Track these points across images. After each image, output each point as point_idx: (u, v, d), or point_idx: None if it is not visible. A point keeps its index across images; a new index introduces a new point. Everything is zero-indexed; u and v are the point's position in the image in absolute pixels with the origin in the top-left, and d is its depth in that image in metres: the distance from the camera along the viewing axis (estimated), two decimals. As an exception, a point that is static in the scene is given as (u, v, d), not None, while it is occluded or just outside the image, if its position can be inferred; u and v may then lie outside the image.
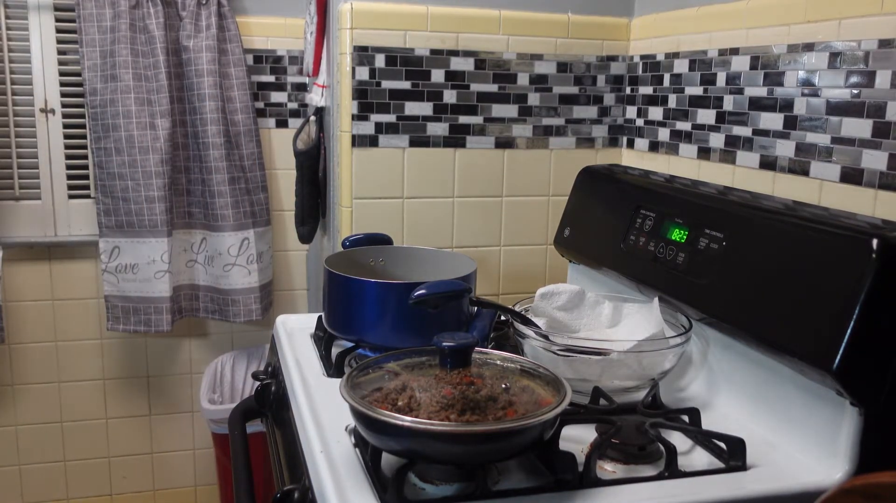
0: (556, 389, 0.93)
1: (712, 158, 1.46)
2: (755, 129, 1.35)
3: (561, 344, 1.13)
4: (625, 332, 1.26)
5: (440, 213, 1.71)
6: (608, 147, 1.79)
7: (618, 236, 1.38)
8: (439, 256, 1.41)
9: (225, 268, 2.16)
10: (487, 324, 1.23)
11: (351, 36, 1.59)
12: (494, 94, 1.69)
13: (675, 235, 1.23)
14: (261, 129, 2.21)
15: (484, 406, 0.87)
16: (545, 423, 0.86)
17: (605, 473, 0.94)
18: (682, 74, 1.55)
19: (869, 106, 1.12)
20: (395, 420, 0.83)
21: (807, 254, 0.98)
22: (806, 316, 0.95)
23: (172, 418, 2.41)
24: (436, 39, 1.63)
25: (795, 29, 1.25)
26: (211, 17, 2.06)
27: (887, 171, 1.10)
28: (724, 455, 0.98)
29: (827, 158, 1.20)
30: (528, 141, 1.73)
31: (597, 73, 1.74)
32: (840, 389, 0.90)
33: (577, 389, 1.08)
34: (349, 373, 0.94)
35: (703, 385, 1.19)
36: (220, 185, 2.11)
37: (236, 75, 2.11)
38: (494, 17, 1.65)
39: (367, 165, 1.65)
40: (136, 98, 2.04)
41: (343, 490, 0.88)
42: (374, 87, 1.62)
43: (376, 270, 1.40)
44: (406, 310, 1.13)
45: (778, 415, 1.04)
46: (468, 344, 0.94)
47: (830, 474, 0.93)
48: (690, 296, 1.16)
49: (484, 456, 0.87)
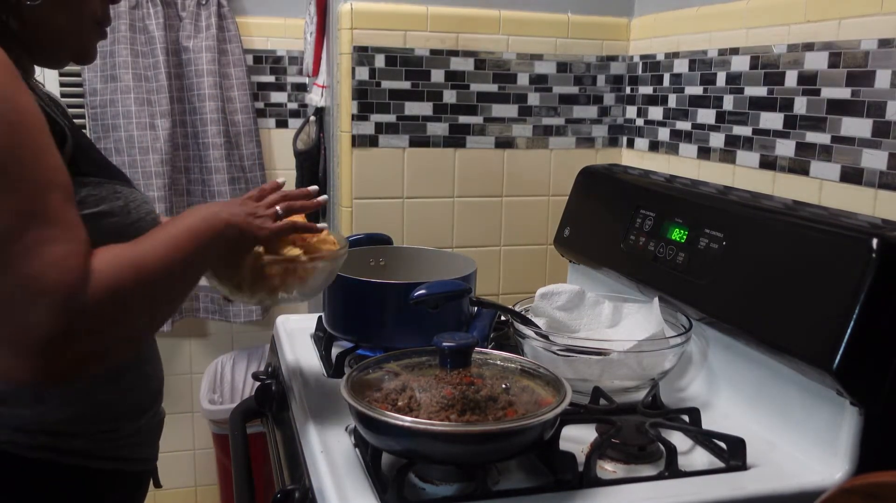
0: (556, 389, 0.93)
1: (712, 158, 1.46)
2: (755, 129, 1.35)
3: (561, 344, 1.13)
4: (625, 332, 1.26)
5: (440, 213, 1.71)
6: (608, 147, 1.79)
7: (618, 236, 1.38)
8: (439, 256, 1.41)
9: (225, 268, 2.16)
10: (487, 325, 1.23)
11: (351, 36, 1.59)
12: (494, 94, 1.69)
13: (675, 235, 1.23)
14: (261, 129, 2.21)
15: (484, 406, 0.87)
16: (545, 423, 0.86)
17: (606, 473, 0.94)
18: (682, 74, 1.55)
19: (869, 105, 1.12)
20: (395, 420, 0.83)
21: (807, 254, 0.98)
22: (806, 316, 0.95)
23: (172, 418, 2.39)
24: (436, 39, 1.63)
25: (795, 29, 1.25)
26: (211, 18, 2.06)
27: (887, 170, 1.09)
28: (724, 455, 0.98)
29: (827, 158, 1.20)
30: (528, 141, 1.73)
31: (597, 73, 1.74)
32: (840, 389, 0.90)
33: (577, 389, 1.08)
34: (349, 374, 0.94)
35: (703, 385, 1.19)
36: (220, 185, 2.11)
37: (236, 75, 2.11)
38: (494, 17, 1.65)
39: (367, 165, 1.65)
40: (136, 98, 2.04)
41: (343, 490, 0.88)
42: (374, 88, 1.62)
43: (376, 270, 1.40)
44: (406, 310, 1.12)
45: (778, 414, 1.04)
46: (468, 344, 0.94)
47: (830, 474, 0.93)
48: (690, 296, 1.16)
49: (484, 456, 0.87)
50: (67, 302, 0.69)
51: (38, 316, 0.68)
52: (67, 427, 0.87)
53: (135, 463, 0.96)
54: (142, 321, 0.80)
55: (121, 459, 0.93)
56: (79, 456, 0.88)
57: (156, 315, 0.82)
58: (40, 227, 0.70)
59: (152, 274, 0.77)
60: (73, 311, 0.69)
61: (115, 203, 0.86)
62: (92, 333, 0.72)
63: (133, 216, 0.88)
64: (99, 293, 0.71)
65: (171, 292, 0.83)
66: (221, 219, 0.86)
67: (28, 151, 0.71)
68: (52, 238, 0.70)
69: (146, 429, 0.98)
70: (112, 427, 0.92)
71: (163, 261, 0.78)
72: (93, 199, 0.84)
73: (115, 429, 0.92)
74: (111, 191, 0.86)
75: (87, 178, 0.83)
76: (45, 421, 0.86)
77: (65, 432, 0.87)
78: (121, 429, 0.93)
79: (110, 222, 0.85)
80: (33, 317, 0.68)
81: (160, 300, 0.81)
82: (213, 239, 0.85)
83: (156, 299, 0.80)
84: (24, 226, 0.69)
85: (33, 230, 0.69)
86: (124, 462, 0.94)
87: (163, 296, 0.81)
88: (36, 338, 0.68)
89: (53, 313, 0.68)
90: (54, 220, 0.71)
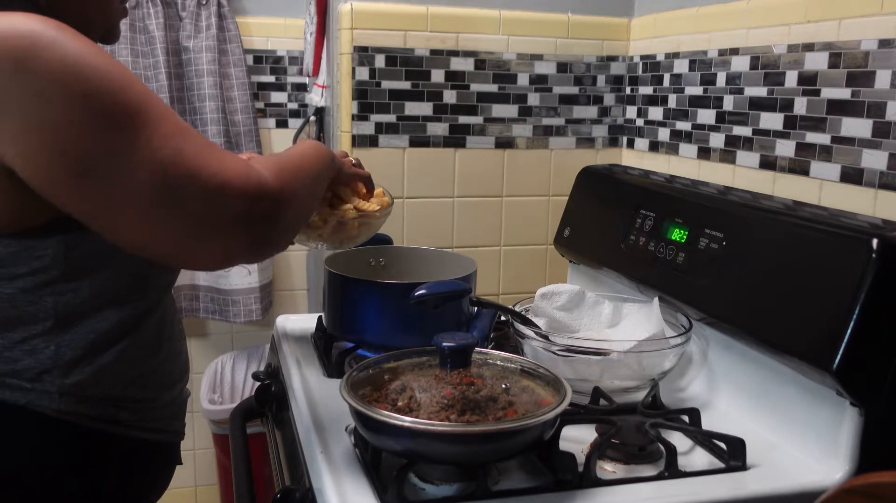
0: (557, 389, 0.93)
1: (712, 158, 1.46)
2: (755, 129, 1.35)
3: (561, 344, 1.13)
4: (625, 332, 1.26)
5: (440, 213, 1.71)
6: (608, 147, 1.79)
7: (618, 236, 1.38)
8: (439, 256, 1.41)
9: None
10: (487, 325, 1.22)
11: (351, 36, 1.59)
12: (494, 94, 1.69)
13: (675, 235, 1.23)
14: (261, 129, 2.21)
15: (484, 406, 0.87)
16: (545, 423, 0.86)
17: (605, 473, 0.94)
18: (683, 74, 1.55)
19: (869, 106, 1.12)
20: (395, 420, 0.83)
21: (807, 254, 0.98)
22: (806, 316, 0.95)
23: (172, 418, 2.41)
24: (436, 40, 1.63)
25: (795, 29, 1.25)
26: (211, 18, 2.06)
27: (887, 170, 1.09)
28: (724, 455, 0.98)
29: (827, 158, 1.20)
30: (528, 141, 1.73)
31: (597, 73, 1.74)
32: (840, 389, 0.90)
33: (577, 389, 1.08)
34: (349, 374, 0.94)
35: (703, 385, 1.19)
36: (220, 185, 2.11)
37: (236, 75, 2.11)
38: (494, 17, 1.65)
39: (367, 165, 1.64)
40: (136, 98, 2.03)
41: (343, 490, 0.88)
42: (374, 88, 1.62)
43: (376, 270, 1.40)
44: (406, 310, 1.12)
45: (778, 414, 1.04)
46: (468, 344, 0.94)
47: (830, 474, 0.93)
48: (690, 296, 1.16)
49: (484, 456, 0.87)
50: (253, 186, 0.76)
51: (234, 199, 0.75)
52: (115, 395, 0.90)
53: (171, 434, 1.01)
54: (303, 210, 0.92)
55: (160, 431, 0.97)
56: (124, 426, 0.92)
57: (308, 208, 0.97)
58: (200, 140, 0.77)
59: (303, 171, 0.89)
60: (258, 195, 0.77)
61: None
62: (272, 216, 0.79)
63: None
64: (274, 181, 0.79)
65: (314, 189, 0.97)
66: (325, 148, 1.02)
67: (147, 93, 0.76)
68: (214, 146, 0.78)
69: (179, 401, 1.02)
70: (153, 396, 0.95)
71: (305, 165, 0.91)
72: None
73: (155, 397, 0.96)
74: None
75: None
76: (90, 392, 0.88)
77: (116, 402, 0.90)
78: (159, 398, 0.96)
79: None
80: (229, 203, 0.75)
81: (310, 196, 0.94)
82: (325, 158, 1.00)
83: (309, 194, 0.93)
84: (191, 139, 0.75)
85: (197, 141, 0.76)
86: (163, 433, 0.98)
87: (310, 193, 0.94)
88: (232, 218, 0.76)
89: (243, 197, 0.76)
90: (207, 141, 0.79)
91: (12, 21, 0.71)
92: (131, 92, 0.73)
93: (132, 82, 0.74)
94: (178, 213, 0.74)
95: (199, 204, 0.74)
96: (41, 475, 0.86)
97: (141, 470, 0.96)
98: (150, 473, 0.99)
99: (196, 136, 0.76)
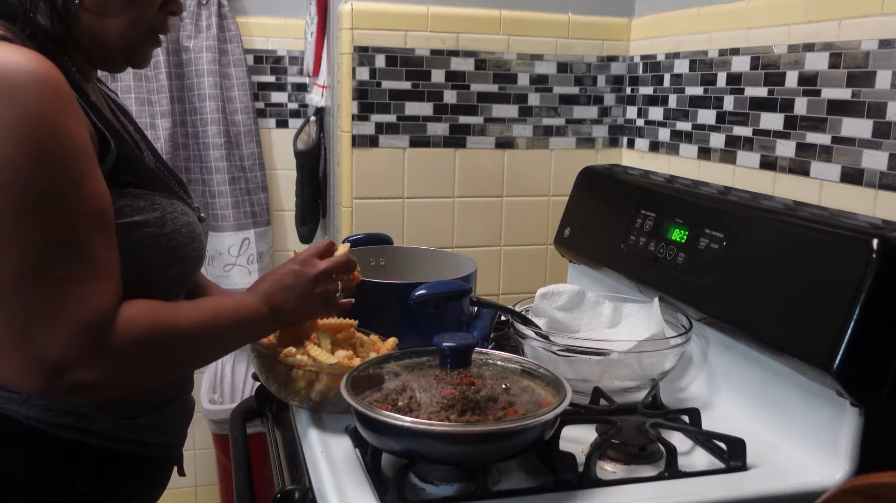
0: (557, 390, 0.93)
1: (712, 158, 1.46)
2: (755, 129, 1.35)
3: (561, 344, 1.13)
4: (625, 333, 1.26)
5: (440, 213, 1.71)
6: (608, 147, 1.79)
7: (618, 236, 1.38)
8: (439, 256, 1.41)
9: (225, 268, 2.16)
10: (487, 325, 1.23)
11: (351, 36, 1.59)
12: (494, 94, 1.69)
13: (675, 235, 1.23)
14: (261, 129, 2.21)
15: (484, 406, 0.87)
16: (545, 424, 0.86)
17: (606, 473, 0.94)
18: (683, 74, 1.55)
19: (869, 106, 1.12)
20: (395, 420, 0.83)
21: (807, 254, 0.98)
22: (806, 316, 0.95)
23: (173, 418, 2.41)
24: (436, 40, 1.63)
25: (795, 29, 1.25)
26: (211, 18, 2.06)
27: (887, 170, 1.09)
28: (724, 455, 0.98)
29: (827, 158, 1.20)
30: (528, 141, 1.73)
31: (597, 74, 1.74)
32: (840, 389, 0.90)
33: (578, 389, 1.08)
34: (349, 374, 0.94)
35: (703, 385, 1.19)
36: (220, 185, 2.11)
37: (236, 75, 2.11)
38: (494, 17, 1.65)
39: (367, 165, 1.65)
40: (137, 98, 2.04)
41: (343, 490, 0.88)
42: (375, 88, 1.62)
43: (376, 270, 1.40)
44: (406, 310, 1.12)
45: (778, 415, 1.04)
46: (468, 344, 0.94)
47: (831, 474, 0.93)
48: (690, 296, 1.16)
49: (484, 456, 0.87)
50: (87, 336, 0.74)
51: (56, 341, 0.73)
52: (92, 411, 0.89)
53: (155, 448, 0.99)
54: (161, 374, 0.88)
55: (141, 443, 0.96)
56: (101, 437, 0.91)
57: (178, 371, 0.92)
58: (68, 261, 0.74)
59: (184, 341, 0.84)
60: (91, 347, 0.74)
61: (151, 214, 0.88)
62: (107, 371, 0.77)
63: (168, 227, 0.90)
64: (125, 340, 0.77)
65: (198, 360, 0.93)
66: (269, 307, 0.94)
67: (61, 183, 0.74)
68: (79, 275, 0.75)
69: (169, 418, 1.00)
70: (134, 414, 0.94)
71: (197, 331, 0.85)
72: (129, 209, 0.86)
73: (137, 416, 0.94)
74: (150, 202, 0.89)
75: (125, 189, 0.86)
76: (72, 403, 0.88)
77: (89, 415, 0.89)
78: (141, 416, 0.95)
79: (144, 232, 0.87)
80: (50, 340, 0.73)
81: (185, 363, 0.90)
82: (254, 325, 0.94)
83: (181, 362, 0.89)
84: (52, 259, 0.73)
85: (61, 265, 0.74)
86: (144, 446, 0.96)
87: (188, 360, 0.90)
88: (48, 359, 0.73)
89: (71, 342, 0.73)
90: (82, 256, 0.75)
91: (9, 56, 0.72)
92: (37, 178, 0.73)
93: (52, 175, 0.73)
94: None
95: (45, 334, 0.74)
96: (5, 479, 0.86)
97: (119, 480, 0.94)
98: (132, 484, 0.97)
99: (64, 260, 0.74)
